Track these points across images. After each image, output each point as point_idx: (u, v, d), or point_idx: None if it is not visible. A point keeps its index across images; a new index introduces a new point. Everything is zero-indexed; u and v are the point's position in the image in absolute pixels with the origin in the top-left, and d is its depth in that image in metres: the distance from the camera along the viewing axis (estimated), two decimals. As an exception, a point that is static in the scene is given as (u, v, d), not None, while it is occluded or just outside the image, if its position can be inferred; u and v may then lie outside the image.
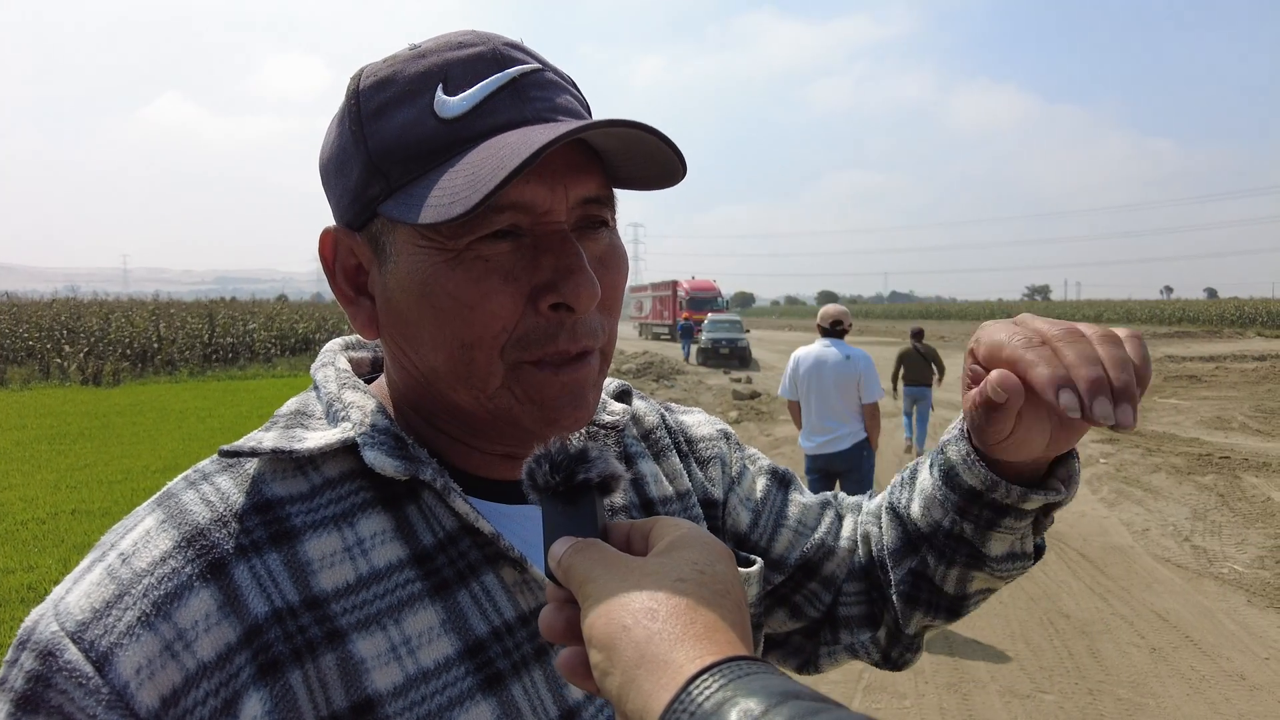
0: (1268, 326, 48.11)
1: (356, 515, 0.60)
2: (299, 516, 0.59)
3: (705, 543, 0.48)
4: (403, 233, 0.59)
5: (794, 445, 10.89)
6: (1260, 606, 5.09)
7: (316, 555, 0.58)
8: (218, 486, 0.60)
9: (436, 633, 0.58)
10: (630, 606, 0.42)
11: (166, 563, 0.55)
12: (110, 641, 0.52)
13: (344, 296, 0.65)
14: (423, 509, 0.62)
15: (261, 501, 0.59)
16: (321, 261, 0.65)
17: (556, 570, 0.49)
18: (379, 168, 0.59)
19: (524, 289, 0.59)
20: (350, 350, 0.76)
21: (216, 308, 29.09)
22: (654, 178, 0.63)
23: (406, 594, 0.59)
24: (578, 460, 0.51)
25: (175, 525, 0.57)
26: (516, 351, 0.59)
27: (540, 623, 0.49)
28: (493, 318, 0.58)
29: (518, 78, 0.60)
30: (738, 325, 26.97)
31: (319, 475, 0.62)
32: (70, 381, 18.10)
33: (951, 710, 3.88)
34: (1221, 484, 8.14)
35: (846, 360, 5.11)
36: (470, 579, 0.61)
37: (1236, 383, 17.28)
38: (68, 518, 6.99)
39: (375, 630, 0.57)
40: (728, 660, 0.39)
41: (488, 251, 0.58)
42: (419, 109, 0.58)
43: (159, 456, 9.50)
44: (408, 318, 0.61)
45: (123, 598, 0.54)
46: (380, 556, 0.59)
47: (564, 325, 0.60)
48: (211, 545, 0.56)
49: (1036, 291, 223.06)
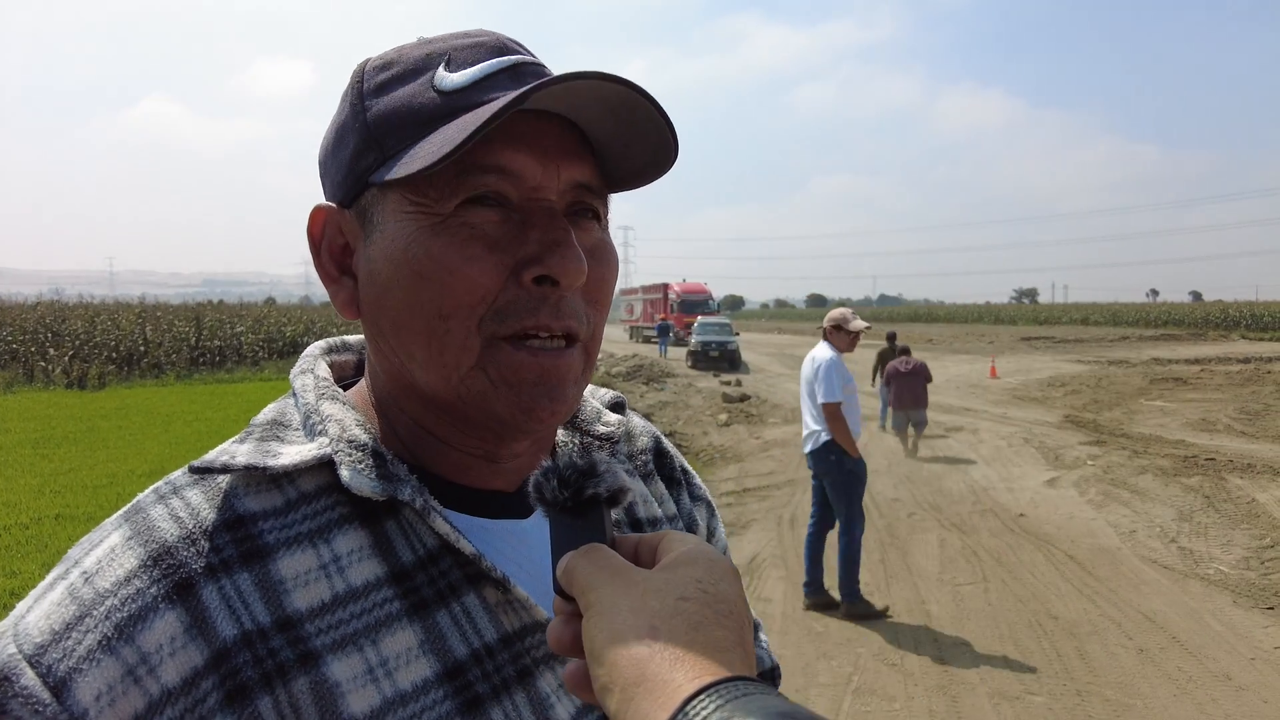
0: (1252, 329, 48.59)
1: (333, 531, 0.58)
2: (272, 533, 0.57)
3: (711, 560, 0.47)
4: (391, 201, 0.59)
5: (783, 448, 10.94)
6: (1245, 607, 5.13)
7: (290, 574, 0.55)
8: (188, 501, 0.57)
9: (415, 654, 0.56)
10: (633, 622, 0.42)
11: (131, 583, 0.53)
12: (69, 666, 0.49)
13: (326, 275, 0.64)
14: (402, 525, 0.60)
15: (233, 518, 0.57)
16: (309, 239, 0.64)
17: (561, 579, 0.48)
18: (374, 137, 0.59)
19: (508, 261, 0.58)
20: (333, 354, 0.74)
21: (204, 310, 28.92)
22: (646, 166, 0.63)
23: (384, 613, 0.57)
24: (586, 474, 0.51)
25: (141, 543, 0.55)
26: (494, 324, 0.58)
27: (548, 635, 0.49)
28: (473, 284, 0.57)
29: (518, 64, 0.60)
30: (727, 328, 27.04)
31: (294, 489, 0.59)
32: (54, 385, 17.94)
33: (940, 712, 3.89)
34: (1207, 485, 8.20)
35: (812, 361, 5.35)
36: (450, 599, 0.59)
37: (1221, 385, 17.43)
38: (51, 523, 6.92)
39: (351, 651, 0.55)
40: (726, 680, 0.39)
41: (474, 219, 0.57)
42: (419, 84, 0.59)
43: (145, 461, 9.43)
44: (387, 289, 0.59)
45: (84, 619, 0.51)
46: (357, 574, 0.57)
47: (547, 300, 0.58)
48: (179, 564, 0.54)
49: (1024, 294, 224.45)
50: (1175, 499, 7.74)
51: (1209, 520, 7.04)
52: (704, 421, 13.41)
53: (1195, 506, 7.48)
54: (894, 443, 10.86)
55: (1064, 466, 9.42)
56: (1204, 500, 7.67)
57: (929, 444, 10.70)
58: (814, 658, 4.47)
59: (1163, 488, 8.19)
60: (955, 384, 19.25)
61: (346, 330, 8.74)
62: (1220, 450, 10.02)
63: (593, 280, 0.61)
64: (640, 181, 0.65)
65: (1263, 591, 5.36)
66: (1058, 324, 66.28)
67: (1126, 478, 8.68)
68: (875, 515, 7.40)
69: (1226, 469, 8.90)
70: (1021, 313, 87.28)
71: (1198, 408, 14.07)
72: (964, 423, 12.82)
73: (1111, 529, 6.85)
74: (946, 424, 12.70)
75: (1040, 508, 7.60)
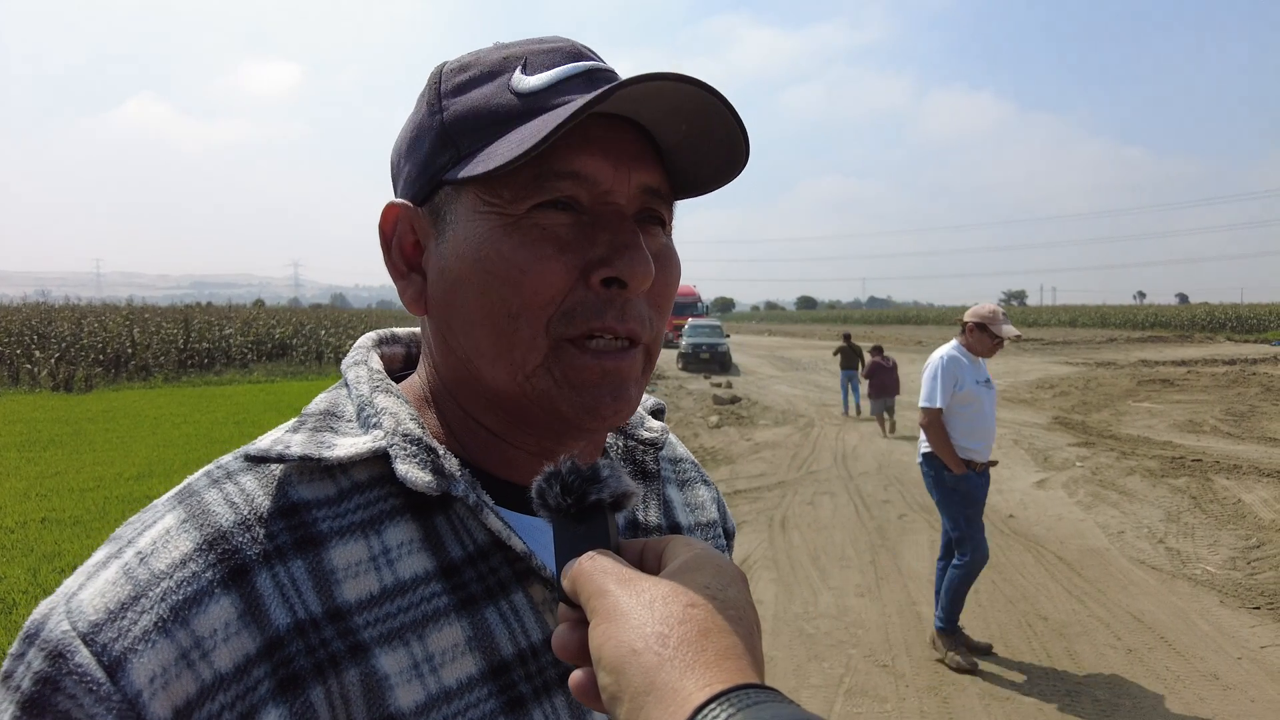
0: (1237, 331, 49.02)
1: (384, 523, 0.58)
2: (325, 522, 0.57)
3: (719, 566, 0.47)
4: (465, 200, 0.60)
5: (774, 450, 10.95)
6: (1232, 607, 5.16)
7: (341, 564, 0.56)
8: (242, 487, 0.57)
9: (461, 650, 0.57)
10: (641, 630, 0.42)
11: (187, 566, 0.52)
12: (124, 646, 0.49)
13: (396, 271, 0.65)
14: (452, 520, 0.60)
15: (287, 505, 0.57)
16: (380, 235, 0.65)
17: (567, 585, 0.48)
18: (450, 137, 0.60)
19: (578, 262, 0.58)
20: (383, 345, 0.74)
21: (192, 313, 28.76)
22: (715, 172, 0.63)
23: (432, 608, 0.57)
24: (589, 480, 0.50)
25: (197, 526, 0.54)
26: (562, 325, 0.58)
27: (554, 642, 0.48)
28: (544, 285, 0.57)
29: (593, 69, 0.61)
30: (718, 330, 27.06)
31: (347, 479, 0.59)
32: (41, 388, 17.78)
33: (932, 713, 3.90)
34: (1194, 486, 8.26)
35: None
36: (499, 596, 0.59)
37: (1208, 386, 17.57)
38: (37, 526, 6.86)
39: (398, 645, 0.55)
40: (737, 688, 0.38)
41: (546, 220, 0.58)
42: (497, 85, 0.60)
43: (132, 464, 9.36)
44: (457, 286, 0.60)
45: (139, 600, 0.51)
46: (406, 568, 0.57)
47: (614, 303, 0.59)
48: (234, 550, 0.54)
49: (1013, 296, 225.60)
50: (1163, 500, 7.79)
51: (1196, 521, 7.09)
52: (695, 423, 13.41)
53: (1182, 507, 7.53)
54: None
55: (1053, 468, 9.47)
56: (1191, 501, 7.72)
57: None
58: (805, 659, 4.48)
59: (1150, 489, 8.24)
60: (945, 386, 19.32)
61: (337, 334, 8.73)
62: (1207, 451, 10.09)
63: (657, 285, 0.62)
64: (708, 188, 0.65)
65: (1249, 591, 5.40)
66: (1046, 326, 66.66)
67: (1115, 479, 8.74)
68: (866, 517, 7.42)
69: (1213, 470, 8.97)
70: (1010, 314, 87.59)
71: (1185, 409, 14.17)
72: (953, 424, 12.87)
73: (1100, 530, 6.89)
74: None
75: (1029, 509, 7.63)
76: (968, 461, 4.49)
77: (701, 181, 0.65)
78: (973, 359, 4.59)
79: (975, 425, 4.50)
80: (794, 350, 36.10)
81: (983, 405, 4.52)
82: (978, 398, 4.50)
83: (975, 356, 4.60)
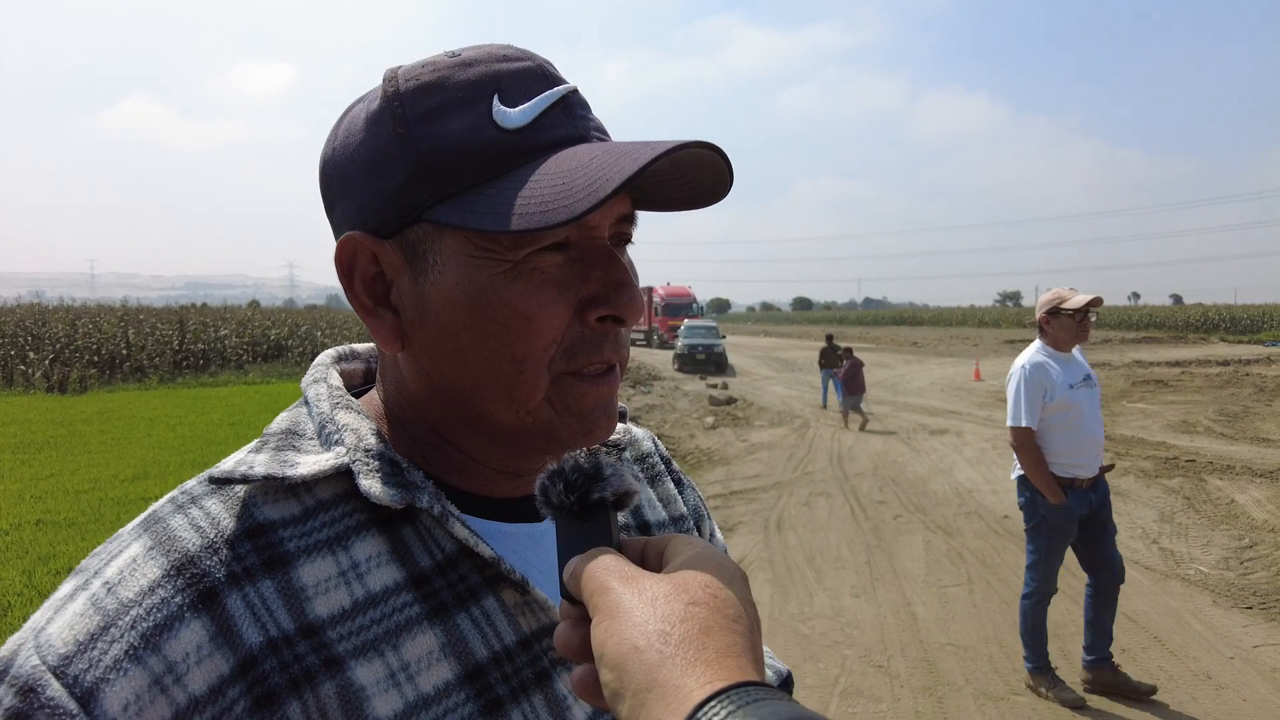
0: (1231, 332, 49.19)
1: (351, 538, 0.59)
2: (292, 541, 0.57)
3: (720, 564, 0.48)
4: (451, 242, 0.58)
5: (770, 451, 10.96)
6: (1225, 607, 5.19)
7: (311, 581, 0.56)
8: (207, 510, 0.58)
9: (436, 657, 0.57)
10: (643, 627, 0.42)
11: (155, 592, 0.53)
12: (96, 676, 0.49)
13: (363, 308, 0.62)
14: (419, 531, 0.61)
15: (253, 526, 0.57)
16: (338, 269, 0.62)
17: (569, 583, 0.49)
18: (430, 172, 0.57)
19: (573, 300, 0.59)
20: (342, 362, 0.75)
21: (187, 314, 28.69)
22: (684, 203, 0.65)
23: (404, 618, 0.57)
24: (592, 478, 0.51)
25: (164, 552, 0.55)
26: (563, 363, 0.59)
27: (555, 640, 0.49)
28: (547, 329, 0.58)
29: (567, 95, 0.60)
30: (714, 331, 27.08)
31: (312, 498, 0.60)
32: (35, 389, 17.73)
33: (927, 713, 3.92)
34: (1187, 487, 8.28)
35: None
36: (470, 602, 0.60)
37: (1201, 387, 17.62)
38: (32, 529, 6.84)
39: (373, 656, 0.55)
40: (738, 686, 0.39)
41: (543, 264, 0.58)
42: (476, 116, 0.57)
43: (128, 465, 9.34)
44: (451, 330, 0.59)
45: (109, 629, 0.51)
46: (376, 580, 0.58)
47: (609, 336, 0.61)
48: (202, 574, 0.54)
49: (1008, 297, 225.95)
50: (1156, 500, 7.82)
51: (1189, 521, 7.12)
52: (690, 424, 13.42)
53: (1176, 508, 7.56)
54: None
55: (1047, 468, 9.49)
56: (1184, 501, 7.75)
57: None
58: (800, 660, 4.49)
59: (1144, 489, 8.27)
60: (940, 387, 19.36)
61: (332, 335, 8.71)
62: (1200, 452, 10.12)
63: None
64: (674, 209, 0.66)
65: (1241, 591, 5.43)
66: (1041, 327, 66.60)
67: (1109, 479, 8.76)
68: (862, 518, 7.44)
69: (1206, 470, 9.00)
70: (1005, 315, 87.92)
71: (1178, 410, 14.22)
72: (948, 425, 12.90)
73: (1094, 530, 6.92)
74: (931, 426, 12.78)
75: (1024, 509, 7.65)
76: (1071, 480, 3.92)
77: (666, 203, 0.66)
78: (1062, 358, 3.95)
79: (1076, 437, 3.89)
80: (790, 351, 36.12)
81: (1081, 411, 3.88)
82: (1074, 404, 3.87)
83: (1064, 353, 3.96)
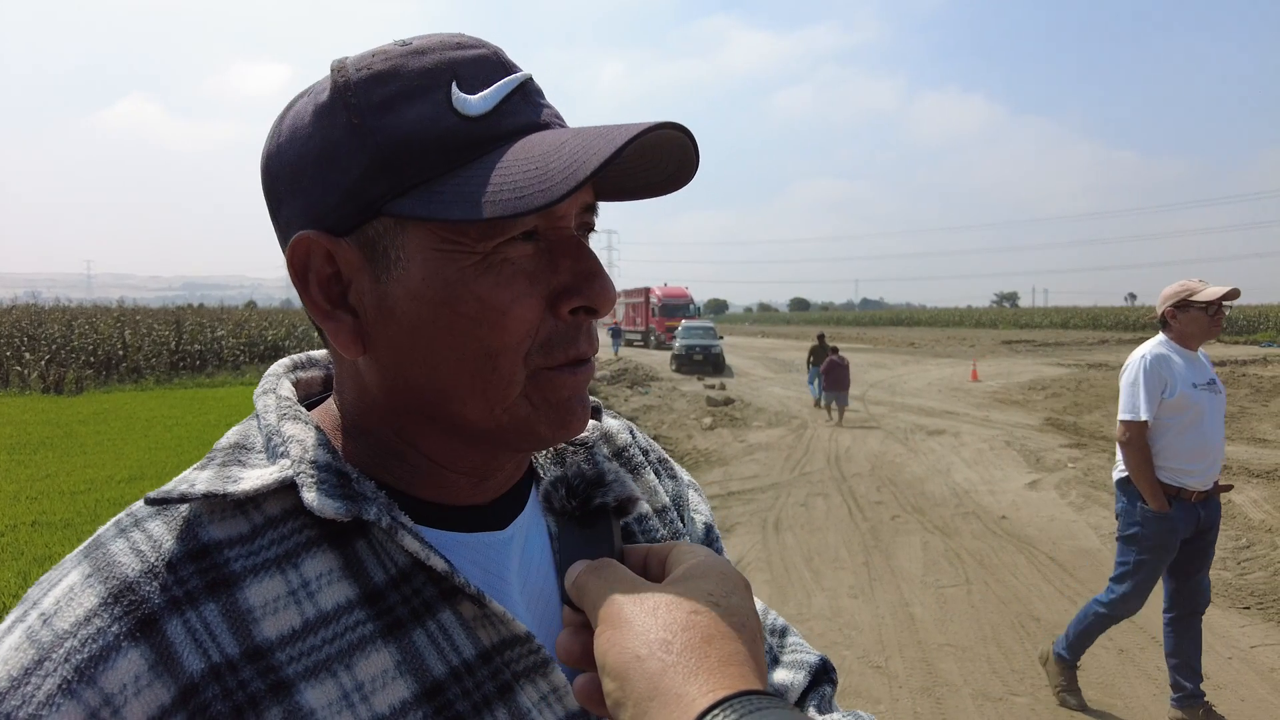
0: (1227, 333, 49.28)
1: (301, 555, 0.56)
2: (238, 561, 0.55)
3: (722, 573, 0.47)
4: (415, 236, 0.55)
5: (768, 451, 10.97)
6: (1223, 607, 5.19)
7: (258, 602, 0.54)
8: (149, 533, 0.55)
9: (391, 675, 0.55)
10: (646, 636, 0.42)
11: (91, 622, 0.51)
12: (29, 713, 0.48)
13: (319, 311, 0.59)
14: (372, 544, 0.58)
15: (197, 547, 0.55)
16: (291, 272, 0.59)
17: (571, 591, 0.49)
18: (389, 164, 0.54)
19: (543, 292, 0.58)
20: (298, 371, 0.72)
21: (184, 314, 28.66)
22: (647, 189, 0.64)
23: (357, 636, 0.55)
24: (594, 484, 0.51)
25: (101, 579, 0.53)
26: (541, 357, 0.58)
27: (557, 647, 0.49)
28: (521, 322, 0.56)
29: (525, 82, 0.59)
30: (711, 332, 27.12)
31: (260, 515, 0.57)
32: (31, 390, 17.69)
33: (925, 714, 3.92)
34: (1185, 487, 8.30)
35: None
36: (426, 617, 0.57)
37: (1198, 388, 17.64)
38: (28, 530, 6.82)
39: (325, 677, 0.53)
40: (740, 694, 0.39)
41: (513, 254, 0.56)
42: (435, 104, 0.55)
43: (124, 466, 9.31)
44: (418, 328, 0.56)
45: (43, 663, 0.49)
46: (328, 598, 0.55)
47: (582, 328, 0.60)
48: (141, 600, 0.52)
49: (1005, 298, 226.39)
50: (1154, 500, 7.83)
51: (1187, 521, 7.13)
52: (688, 425, 13.42)
53: (1173, 508, 7.57)
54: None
55: (1045, 469, 9.51)
56: (1182, 502, 7.76)
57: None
58: (799, 660, 4.49)
59: (1141, 489, 8.28)
60: (937, 387, 19.39)
61: (330, 334, 8.67)
62: (1197, 452, 10.13)
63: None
64: (632, 198, 0.65)
65: (1239, 592, 5.44)
66: (1038, 327, 66.94)
67: (1107, 480, 8.77)
68: (860, 518, 7.44)
69: (1203, 471, 9.01)
70: (1002, 316, 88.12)
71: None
72: (946, 426, 12.91)
73: (1092, 530, 6.92)
74: (929, 427, 12.79)
75: (1022, 510, 7.66)
76: (1178, 490, 3.57)
77: (628, 192, 0.65)
78: (1189, 355, 3.60)
79: (1191, 441, 3.53)
80: (787, 352, 36.15)
81: (1202, 415, 3.53)
82: (1195, 404, 3.51)
83: (1191, 351, 3.62)
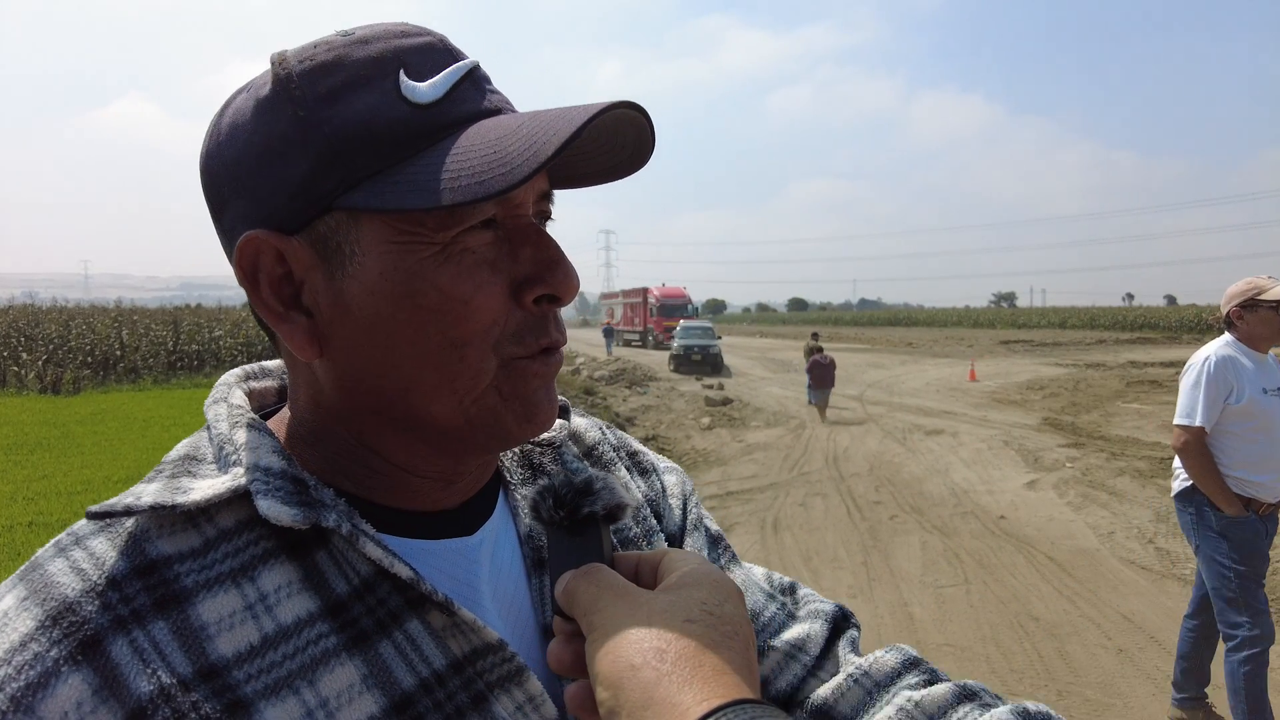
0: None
1: (258, 568, 0.54)
2: (190, 576, 0.52)
3: (715, 581, 0.47)
4: (370, 230, 0.53)
5: (766, 451, 10.98)
6: (1222, 607, 5.20)
7: (212, 618, 0.51)
8: (91, 551, 0.53)
9: (357, 690, 0.52)
10: (639, 645, 0.42)
11: (27, 648, 0.48)
12: None
13: (272, 313, 0.56)
14: (333, 554, 0.56)
15: (144, 563, 0.52)
16: (239, 275, 0.56)
17: (561, 599, 0.48)
18: (338, 156, 0.52)
19: (506, 281, 0.56)
20: (251, 380, 0.69)
21: (181, 314, 28.60)
22: (602, 174, 0.63)
23: (320, 650, 0.52)
24: (582, 493, 0.51)
25: (38, 602, 0.50)
26: (514, 346, 0.56)
27: (549, 656, 0.48)
28: (485, 312, 0.55)
29: (473, 69, 0.58)
30: (710, 332, 27.16)
31: (213, 527, 0.55)
32: (28, 390, 17.65)
33: (924, 714, 3.91)
34: (1183, 487, 8.31)
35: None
36: (392, 627, 0.55)
37: (1196, 388, 17.67)
38: (25, 530, 6.81)
39: (287, 695, 0.50)
40: (734, 703, 0.39)
41: (473, 243, 0.55)
42: (383, 93, 0.53)
43: (121, 466, 9.30)
44: (378, 324, 0.54)
45: None
46: (288, 611, 0.53)
47: (548, 317, 0.58)
48: (82, 621, 0.49)
49: (1003, 298, 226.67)
50: (1152, 500, 7.84)
51: (1185, 521, 7.14)
52: (686, 425, 13.43)
53: (1171, 508, 7.57)
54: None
55: (1043, 469, 9.52)
56: (1180, 501, 7.78)
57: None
58: (798, 660, 4.48)
59: (1140, 489, 8.29)
60: (935, 387, 19.40)
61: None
62: (1195, 452, 10.15)
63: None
64: (588, 184, 0.65)
65: (1238, 591, 5.44)
66: (1036, 328, 67.04)
67: (1105, 480, 8.79)
68: (858, 518, 7.44)
69: (1202, 470, 9.02)
70: (1000, 316, 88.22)
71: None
72: (944, 426, 12.92)
73: (1090, 530, 6.93)
74: (927, 427, 12.80)
75: (1020, 510, 7.67)
76: (1246, 502, 3.36)
77: (584, 178, 0.64)
78: (1258, 358, 3.43)
79: (1261, 450, 3.34)
80: (785, 352, 36.16)
81: (1272, 421, 3.34)
82: (1265, 410, 3.34)
83: (1260, 354, 3.44)
